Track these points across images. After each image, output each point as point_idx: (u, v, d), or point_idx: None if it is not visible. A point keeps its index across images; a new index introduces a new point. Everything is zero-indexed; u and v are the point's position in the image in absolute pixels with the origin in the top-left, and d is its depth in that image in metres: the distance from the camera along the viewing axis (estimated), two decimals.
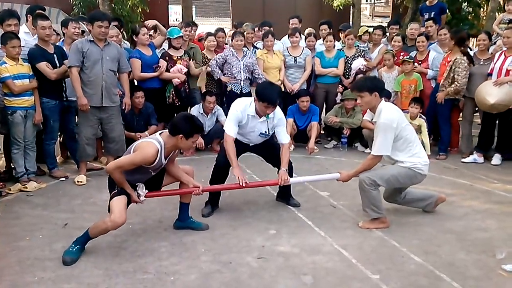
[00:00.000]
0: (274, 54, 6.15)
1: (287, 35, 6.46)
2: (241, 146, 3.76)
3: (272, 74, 6.11)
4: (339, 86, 6.39)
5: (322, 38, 6.66)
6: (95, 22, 4.41)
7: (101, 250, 3.13)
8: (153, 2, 12.98)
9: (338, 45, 6.72)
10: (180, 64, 5.66)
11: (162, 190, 3.42)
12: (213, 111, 5.74)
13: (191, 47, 6.09)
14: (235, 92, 5.83)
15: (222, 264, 2.99)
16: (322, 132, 6.58)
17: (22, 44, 4.39)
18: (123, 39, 6.07)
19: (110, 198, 3.07)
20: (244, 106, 3.65)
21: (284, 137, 3.77)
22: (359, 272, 2.90)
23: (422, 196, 3.84)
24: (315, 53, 6.43)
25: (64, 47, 4.89)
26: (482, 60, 5.54)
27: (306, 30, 6.95)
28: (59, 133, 5.07)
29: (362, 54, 6.42)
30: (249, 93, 5.82)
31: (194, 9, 13.77)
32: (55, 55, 4.59)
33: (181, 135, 3.03)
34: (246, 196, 4.17)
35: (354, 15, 13.89)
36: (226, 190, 3.96)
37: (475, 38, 6.79)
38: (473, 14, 13.36)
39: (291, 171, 3.83)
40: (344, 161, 5.56)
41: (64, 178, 4.71)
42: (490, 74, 5.31)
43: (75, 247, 3.02)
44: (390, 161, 3.58)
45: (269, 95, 3.52)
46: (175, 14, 15.21)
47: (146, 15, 11.84)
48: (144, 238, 3.35)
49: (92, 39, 4.48)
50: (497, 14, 9.86)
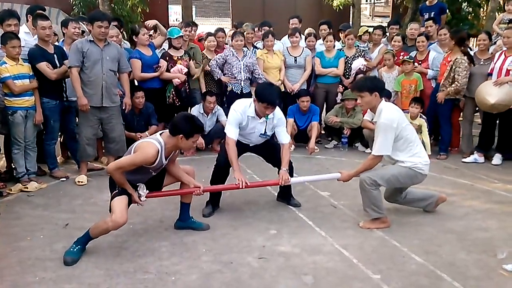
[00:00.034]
0: (274, 54, 6.15)
1: (287, 35, 6.46)
2: (241, 147, 3.76)
3: (272, 74, 6.11)
4: (339, 86, 6.39)
5: (322, 38, 6.67)
6: (95, 22, 4.41)
7: (102, 250, 3.13)
8: (153, 2, 12.98)
9: (338, 45, 6.72)
10: (180, 64, 5.66)
11: (163, 190, 3.42)
12: (213, 111, 5.74)
13: (191, 47, 6.09)
14: (236, 92, 5.83)
15: (223, 264, 2.99)
16: (323, 132, 6.58)
17: (22, 44, 4.39)
18: (123, 39, 6.06)
19: (111, 198, 3.06)
20: (243, 108, 3.64)
21: (284, 137, 3.77)
22: (360, 272, 2.90)
23: (422, 196, 3.84)
24: (315, 53, 6.43)
25: (64, 47, 4.89)
26: (482, 60, 5.54)
27: (306, 30, 6.95)
28: (60, 133, 5.07)
29: (362, 54, 6.42)
30: (249, 93, 5.81)
31: (194, 9, 13.76)
32: (55, 55, 4.59)
33: (181, 135, 3.03)
34: (247, 196, 4.17)
35: (354, 15, 13.89)
36: (226, 190, 3.96)
37: (475, 38, 6.79)
38: (473, 14, 13.36)
39: (291, 171, 3.83)
40: (344, 161, 5.56)
41: (64, 178, 4.71)
42: (490, 74, 5.31)
43: (76, 247, 3.02)
44: (390, 161, 3.57)
45: (268, 96, 3.52)
46: (175, 14, 15.21)
47: (146, 15, 11.84)
48: (145, 238, 3.36)
49: (92, 39, 4.48)
50: (497, 14, 9.87)
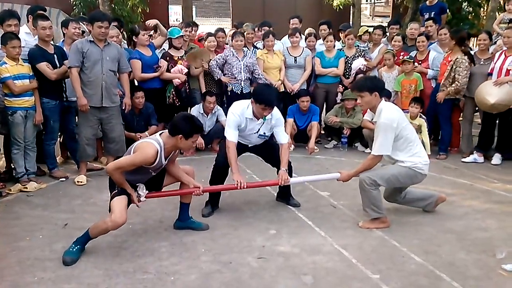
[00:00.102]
0: (274, 54, 6.14)
1: (287, 35, 6.46)
2: (240, 147, 3.75)
3: (272, 74, 6.11)
4: (339, 86, 6.39)
5: (322, 38, 6.67)
6: (95, 22, 4.41)
7: (101, 250, 3.13)
8: (153, 2, 12.97)
9: (338, 45, 6.72)
10: (180, 64, 5.66)
11: (162, 190, 3.42)
12: (213, 111, 5.74)
13: (191, 48, 6.09)
14: (236, 92, 5.84)
15: (223, 264, 2.99)
16: (322, 132, 6.58)
17: (22, 44, 4.39)
18: (123, 39, 6.07)
19: (111, 198, 3.07)
20: (241, 110, 3.64)
21: (282, 137, 3.77)
22: (359, 272, 2.90)
23: (422, 195, 3.84)
24: (315, 53, 6.43)
25: (64, 48, 4.89)
26: (483, 59, 5.53)
27: (306, 30, 6.95)
28: (59, 133, 5.07)
29: (362, 54, 6.41)
30: (249, 93, 5.79)
31: (194, 9, 13.77)
32: (55, 56, 4.59)
33: (180, 135, 3.03)
34: (247, 196, 4.17)
35: (354, 15, 13.88)
36: (226, 191, 3.95)
37: (476, 38, 6.79)
38: (473, 14, 13.34)
39: (291, 171, 3.82)
40: (344, 161, 5.56)
41: (64, 179, 4.71)
42: (490, 74, 5.31)
43: (75, 247, 3.02)
44: (390, 160, 3.57)
45: (265, 97, 3.52)
46: (175, 14, 15.21)
47: (146, 15, 11.84)
48: (144, 238, 3.36)
49: (92, 40, 4.48)
50: (497, 13, 9.85)
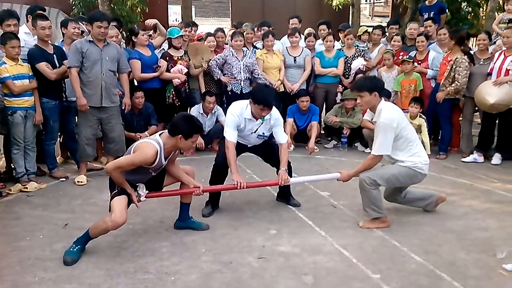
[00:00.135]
0: (274, 54, 6.14)
1: (287, 35, 6.46)
2: (239, 147, 3.75)
3: (272, 74, 6.11)
4: (339, 86, 6.39)
5: (322, 38, 6.67)
6: (95, 22, 4.41)
7: (102, 250, 3.13)
8: (152, 2, 12.96)
9: (338, 45, 6.72)
10: (180, 64, 5.66)
11: (162, 190, 3.42)
12: (213, 111, 5.74)
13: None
14: (235, 92, 5.84)
15: (223, 264, 2.99)
16: (322, 132, 6.58)
17: (22, 44, 4.39)
18: (122, 39, 6.06)
19: (111, 198, 3.06)
20: (240, 110, 3.65)
21: (282, 137, 3.77)
22: (360, 271, 2.90)
23: (422, 195, 3.84)
24: (315, 53, 6.43)
25: (63, 47, 4.88)
26: (482, 59, 5.54)
27: (306, 30, 6.95)
28: (59, 133, 5.07)
29: (362, 54, 6.42)
30: (249, 93, 5.79)
31: (193, 9, 13.77)
32: (55, 55, 4.59)
33: (180, 136, 3.03)
34: (247, 196, 4.17)
35: (354, 15, 13.89)
36: (226, 190, 3.95)
37: (475, 38, 6.79)
38: (472, 14, 13.35)
39: (290, 171, 3.82)
40: (344, 161, 5.56)
41: (64, 179, 4.71)
42: (489, 74, 5.31)
43: (76, 247, 3.02)
44: (390, 160, 3.57)
45: (264, 98, 3.52)
46: (175, 14, 15.21)
47: (145, 15, 11.82)
48: (145, 238, 3.36)
49: (91, 40, 4.48)
50: (496, 13, 9.86)
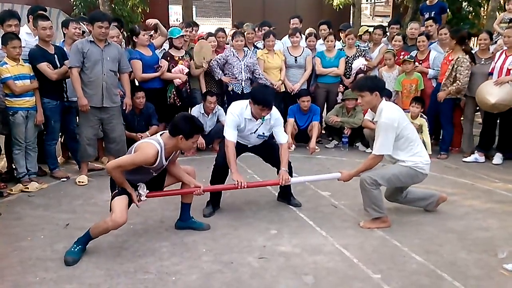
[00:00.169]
0: (275, 54, 6.14)
1: (288, 35, 6.46)
2: (240, 147, 3.75)
3: (272, 74, 6.11)
4: (340, 85, 6.38)
5: (322, 38, 6.67)
6: (96, 22, 4.42)
7: (102, 250, 3.14)
8: (153, 2, 12.98)
9: (339, 45, 6.71)
10: (181, 64, 5.66)
11: (163, 190, 3.42)
12: (214, 111, 5.74)
13: (191, 47, 6.09)
14: (236, 92, 5.83)
15: (223, 264, 2.99)
16: (323, 132, 6.57)
17: (23, 44, 4.39)
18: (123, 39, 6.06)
19: (112, 198, 3.07)
20: (240, 110, 3.64)
21: (282, 137, 3.76)
22: (361, 272, 2.90)
23: (423, 195, 3.84)
24: (316, 53, 6.43)
25: (64, 48, 4.89)
26: (483, 59, 5.53)
27: (307, 30, 6.94)
28: (60, 133, 5.07)
29: (363, 53, 6.41)
30: (249, 93, 5.81)
31: (194, 9, 13.78)
32: (56, 56, 4.59)
33: (181, 136, 3.03)
34: (247, 196, 4.17)
35: (355, 15, 13.89)
36: (227, 190, 3.95)
37: (476, 38, 6.78)
38: (473, 14, 13.34)
39: (291, 171, 3.82)
40: (345, 160, 5.56)
41: (65, 179, 4.72)
42: (491, 74, 5.30)
43: (77, 247, 3.02)
44: (391, 160, 3.57)
45: (263, 98, 3.52)
46: (175, 14, 15.22)
47: (146, 15, 11.83)
48: (145, 238, 3.36)
49: (92, 40, 4.48)
50: (497, 13, 9.85)
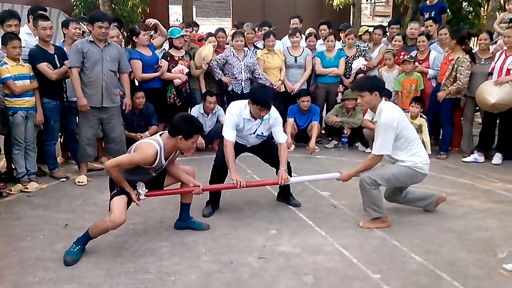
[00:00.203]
0: (275, 54, 6.14)
1: (288, 35, 6.46)
2: (238, 147, 3.75)
3: (272, 75, 6.11)
4: (340, 85, 6.38)
5: (322, 38, 6.67)
6: (96, 22, 4.42)
7: (102, 250, 3.14)
8: (153, 2, 12.98)
9: (339, 45, 6.71)
10: (181, 64, 5.66)
11: (162, 189, 3.41)
12: (213, 111, 5.74)
13: (192, 47, 6.09)
14: (236, 92, 5.83)
15: (223, 264, 2.99)
16: (323, 132, 6.57)
17: (23, 44, 4.39)
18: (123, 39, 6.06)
19: (111, 198, 3.07)
20: (239, 110, 3.64)
21: (281, 136, 3.76)
22: (360, 271, 2.90)
23: (422, 195, 3.84)
24: (316, 53, 6.43)
25: (64, 48, 4.89)
26: (483, 59, 5.53)
27: (307, 30, 6.94)
28: (60, 133, 5.07)
29: (363, 53, 6.41)
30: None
31: (194, 9, 13.78)
32: (56, 56, 4.59)
33: (180, 136, 3.03)
34: (247, 196, 4.17)
35: (355, 15, 13.89)
36: (226, 190, 3.95)
37: (476, 38, 6.78)
38: (473, 14, 13.34)
39: (290, 171, 3.81)
40: (345, 160, 5.56)
41: (65, 179, 4.72)
42: (491, 74, 5.30)
43: (76, 247, 3.02)
44: (390, 160, 3.57)
45: (262, 98, 3.52)
46: (176, 14, 15.22)
47: (146, 16, 11.82)
48: (145, 238, 3.36)
49: (92, 40, 4.48)
50: (497, 13, 9.85)
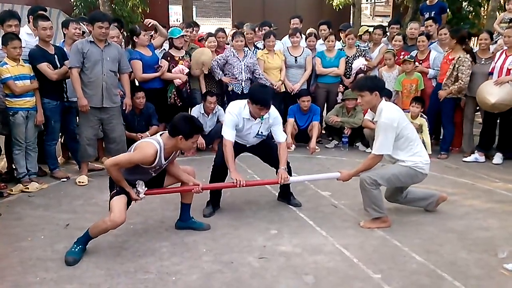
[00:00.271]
0: (275, 54, 6.13)
1: (288, 35, 6.46)
2: (238, 147, 3.75)
3: (273, 75, 6.11)
4: (340, 85, 6.38)
5: (323, 38, 6.66)
6: (96, 23, 4.42)
7: (102, 250, 3.14)
8: (153, 2, 12.98)
9: (339, 45, 6.71)
10: (182, 64, 5.66)
11: (162, 188, 3.41)
12: (214, 111, 5.74)
13: (192, 48, 6.09)
14: (236, 92, 5.83)
15: (224, 264, 2.99)
16: (323, 132, 6.57)
17: (23, 45, 4.39)
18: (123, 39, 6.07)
19: (110, 198, 3.07)
20: (238, 110, 3.64)
21: (280, 136, 3.76)
22: (361, 271, 2.90)
23: (423, 195, 3.84)
24: (316, 53, 6.43)
25: (64, 48, 4.89)
26: (484, 59, 5.52)
27: (308, 30, 6.94)
28: (60, 133, 5.07)
29: (363, 53, 6.41)
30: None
31: (194, 9, 13.78)
32: (56, 56, 4.59)
33: (180, 136, 3.04)
34: (247, 196, 4.17)
35: (355, 15, 13.89)
36: (227, 189, 3.94)
37: (476, 38, 6.78)
38: (473, 13, 13.34)
39: (290, 171, 3.81)
40: (345, 160, 5.56)
41: (65, 179, 4.72)
42: (491, 74, 5.30)
43: (77, 247, 3.03)
44: (391, 160, 3.57)
45: (261, 97, 3.52)
46: (176, 14, 15.22)
47: (146, 16, 11.80)
48: (145, 238, 3.36)
49: (92, 40, 4.48)
50: (497, 13, 9.85)
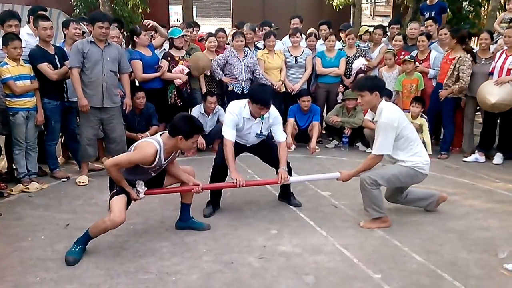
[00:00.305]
0: (275, 54, 6.13)
1: (288, 35, 6.46)
2: (238, 147, 3.75)
3: (273, 75, 6.11)
4: (340, 85, 6.38)
5: (323, 38, 6.66)
6: (96, 23, 4.42)
7: (102, 250, 3.14)
8: (153, 2, 12.97)
9: (339, 44, 6.71)
10: (182, 64, 5.66)
11: (162, 188, 3.41)
12: (214, 111, 5.74)
13: (192, 48, 6.09)
14: (237, 92, 5.83)
15: (224, 264, 2.99)
16: (324, 132, 6.57)
17: (23, 45, 4.39)
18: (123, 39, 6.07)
19: (110, 198, 3.07)
20: (239, 109, 3.64)
21: (280, 135, 3.76)
22: (361, 271, 2.90)
23: (423, 195, 3.84)
24: (316, 53, 6.43)
25: (65, 48, 4.89)
26: (484, 59, 5.52)
27: (308, 30, 6.94)
28: (61, 133, 5.07)
29: (363, 53, 6.41)
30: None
31: (194, 9, 13.79)
32: (56, 56, 4.59)
33: (180, 136, 3.04)
34: (248, 196, 4.17)
35: (355, 15, 13.89)
36: (227, 189, 3.94)
37: (477, 38, 6.78)
38: (474, 13, 13.33)
39: (290, 171, 3.81)
40: (345, 160, 5.56)
41: (65, 179, 4.72)
42: (491, 74, 5.30)
43: (77, 247, 3.03)
44: (391, 160, 3.57)
45: (261, 97, 3.52)
46: (176, 14, 15.23)
47: (146, 16, 11.83)
48: (145, 238, 3.36)
49: (92, 40, 4.49)
50: (498, 13, 9.84)
